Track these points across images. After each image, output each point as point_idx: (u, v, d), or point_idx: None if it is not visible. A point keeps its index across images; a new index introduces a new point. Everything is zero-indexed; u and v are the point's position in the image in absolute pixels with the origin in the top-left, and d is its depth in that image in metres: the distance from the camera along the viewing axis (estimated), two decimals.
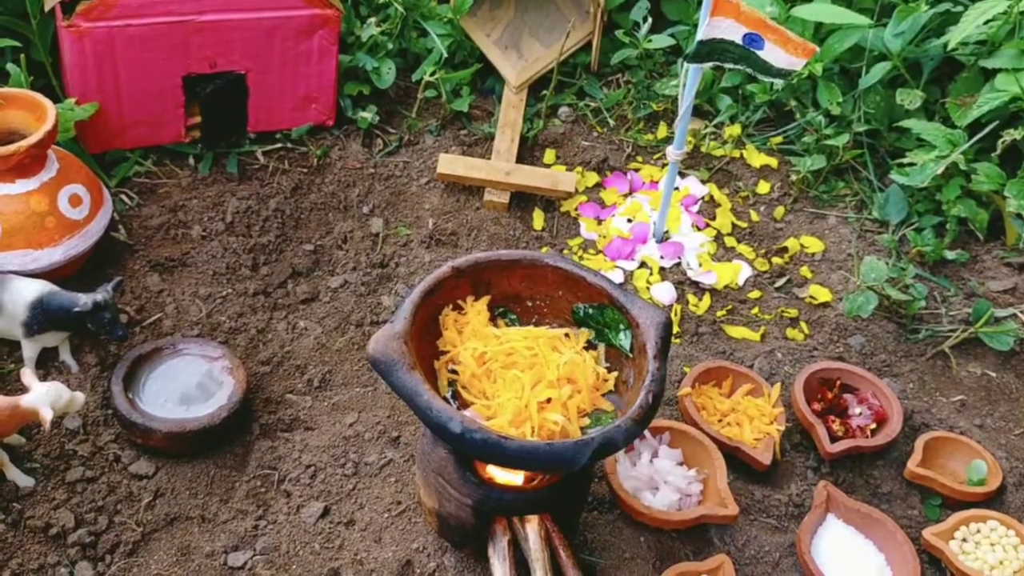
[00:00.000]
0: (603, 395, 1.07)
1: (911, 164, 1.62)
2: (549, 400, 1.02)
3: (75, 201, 1.40)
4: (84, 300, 1.26)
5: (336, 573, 1.14)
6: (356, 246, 1.60)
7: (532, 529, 1.09)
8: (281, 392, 1.36)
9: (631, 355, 1.06)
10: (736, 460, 1.29)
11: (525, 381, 1.02)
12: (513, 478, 1.08)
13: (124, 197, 1.61)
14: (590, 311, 1.11)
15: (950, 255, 1.58)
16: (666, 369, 1.03)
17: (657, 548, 1.20)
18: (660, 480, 1.24)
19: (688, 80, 1.45)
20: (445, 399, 1.03)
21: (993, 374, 1.46)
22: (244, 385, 1.28)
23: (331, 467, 1.25)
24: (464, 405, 1.04)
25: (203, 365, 1.31)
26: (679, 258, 1.64)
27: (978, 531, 1.23)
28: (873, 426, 1.34)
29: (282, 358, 1.41)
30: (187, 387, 1.28)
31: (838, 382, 1.39)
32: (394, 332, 1.01)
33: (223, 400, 1.26)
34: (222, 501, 1.21)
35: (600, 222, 1.71)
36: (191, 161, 1.70)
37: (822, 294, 1.58)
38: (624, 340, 1.08)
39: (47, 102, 1.39)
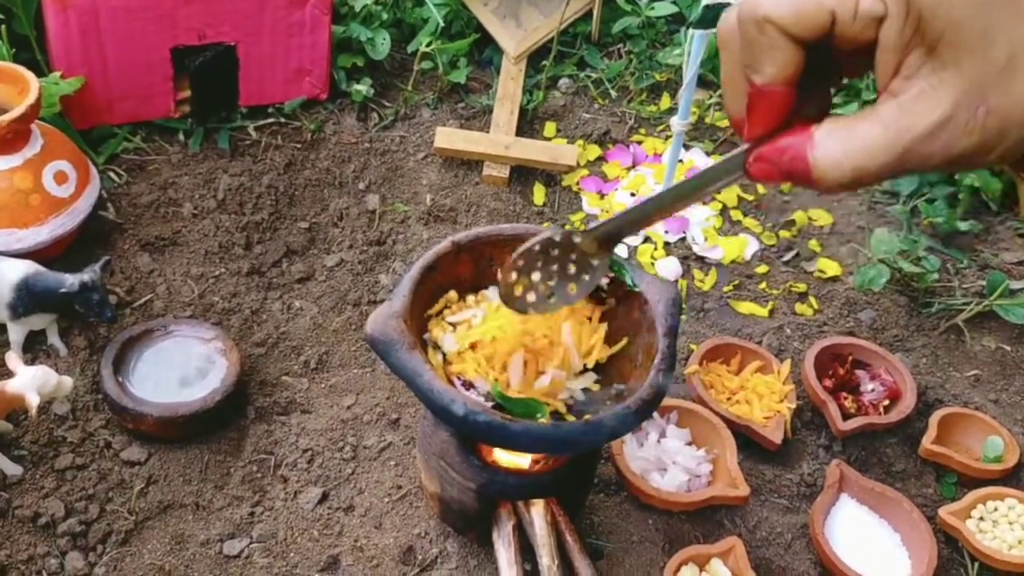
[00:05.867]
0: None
1: None
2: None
3: (61, 178, 1.35)
4: (71, 281, 1.21)
5: (335, 560, 1.10)
6: (352, 223, 1.56)
7: (538, 513, 1.06)
8: (277, 374, 1.32)
9: (635, 287, 1.01)
10: (746, 439, 1.26)
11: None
12: (518, 461, 1.04)
13: (112, 174, 1.56)
14: None
15: (963, 226, 1.54)
16: (676, 347, 0.99)
17: (666, 531, 1.17)
18: (668, 461, 1.21)
19: (693, 47, 1.40)
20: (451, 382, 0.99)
21: (1008, 348, 1.42)
22: (238, 367, 1.24)
23: (329, 451, 1.21)
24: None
25: (196, 347, 1.27)
26: (684, 232, 1.60)
27: (995, 509, 1.20)
28: (886, 403, 1.31)
29: (277, 339, 1.37)
30: (179, 370, 1.24)
31: (850, 358, 1.35)
32: (392, 311, 0.97)
33: (216, 383, 1.21)
34: (217, 487, 1.17)
35: (602, 196, 1.66)
36: (181, 137, 1.65)
37: (831, 268, 1.54)
38: (627, 275, 1.02)
39: (30, 75, 1.34)
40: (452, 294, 1.06)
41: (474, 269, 1.09)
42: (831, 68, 0.48)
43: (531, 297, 0.85)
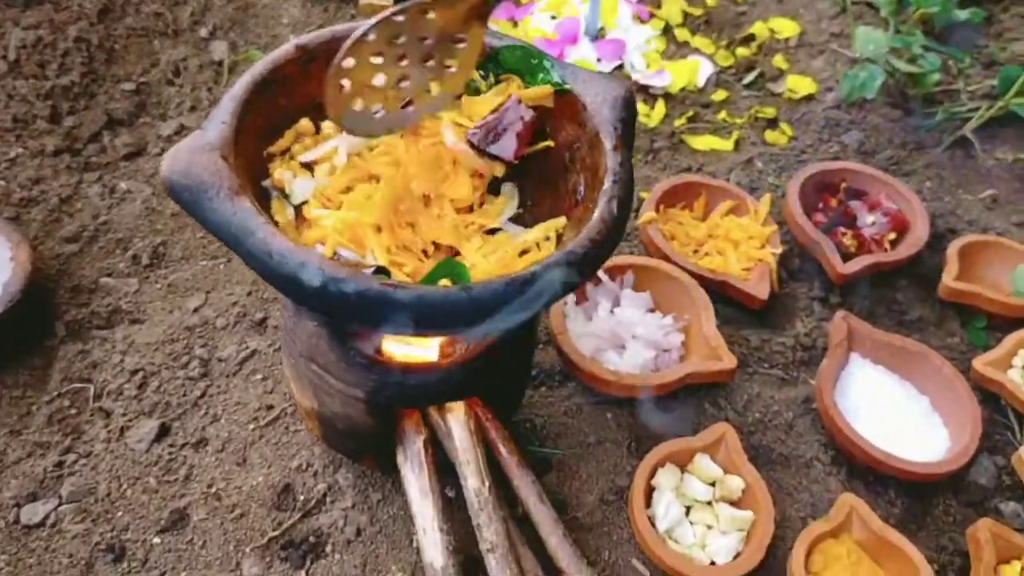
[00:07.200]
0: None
1: None
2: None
3: None
4: None
5: (183, 515, 0.79)
6: (193, 79, 1.20)
7: (456, 421, 0.75)
8: (95, 276, 0.98)
9: (564, 86, 0.71)
10: (723, 298, 0.97)
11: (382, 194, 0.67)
12: (420, 351, 0.73)
13: None
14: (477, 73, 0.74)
15: (962, 15, 1.24)
16: (631, 164, 0.68)
17: (631, 425, 0.88)
18: (627, 335, 0.92)
19: None
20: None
21: None
22: (30, 268, 0.90)
23: (168, 370, 0.89)
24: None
25: None
26: (620, 59, 1.28)
27: None
28: (892, 236, 1.03)
29: (96, 231, 1.03)
30: None
31: (842, 186, 1.07)
32: (205, 142, 0.64)
33: None
34: (12, 433, 0.84)
35: (516, 24, 1.32)
36: None
37: (803, 85, 1.24)
38: (552, 72, 0.72)
39: None
40: (304, 123, 0.73)
41: None
42: None
43: (377, 111, 0.62)
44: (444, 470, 0.75)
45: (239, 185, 0.62)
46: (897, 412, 0.89)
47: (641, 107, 1.22)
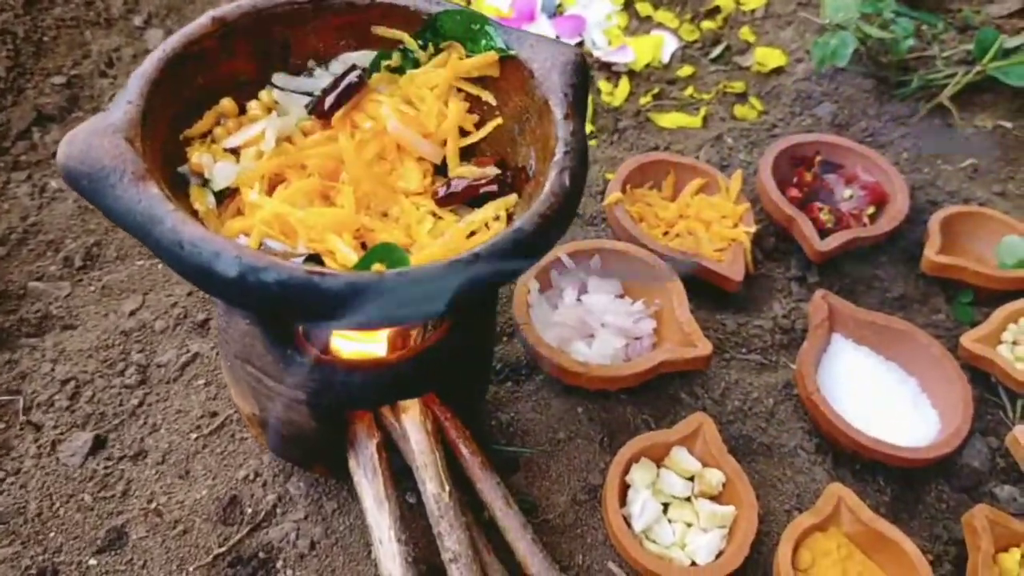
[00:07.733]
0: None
1: None
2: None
3: None
4: None
5: (121, 533, 0.73)
6: (127, 69, 1.13)
7: (412, 422, 0.70)
8: (24, 280, 0.91)
9: (509, 52, 0.65)
10: (696, 281, 0.92)
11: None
12: (366, 346, 0.67)
13: None
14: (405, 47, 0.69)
15: None
16: (585, 133, 0.62)
17: (604, 419, 0.83)
18: (595, 323, 0.86)
19: None
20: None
21: (1009, 124, 1.11)
22: None
23: (103, 377, 0.82)
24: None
25: None
26: (580, 36, 1.22)
27: None
28: (871, 210, 0.98)
29: (24, 233, 0.96)
30: None
31: (817, 159, 1.01)
32: (107, 124, 0.58)
33: None
34: None
35: (468, 1, 1.27)
36: None
37: (772, 58, 1.19)
38: (495, 38, 0.66)
39: None
40: (226, 103, 0.67)
41: (260, 64, 0.69)
42: None
43: None
44: (403, 475, 0.69)
45: (145, 169, 0.55)
46: (884, 395, 0.84)
47: (604, 85, 1.16)
